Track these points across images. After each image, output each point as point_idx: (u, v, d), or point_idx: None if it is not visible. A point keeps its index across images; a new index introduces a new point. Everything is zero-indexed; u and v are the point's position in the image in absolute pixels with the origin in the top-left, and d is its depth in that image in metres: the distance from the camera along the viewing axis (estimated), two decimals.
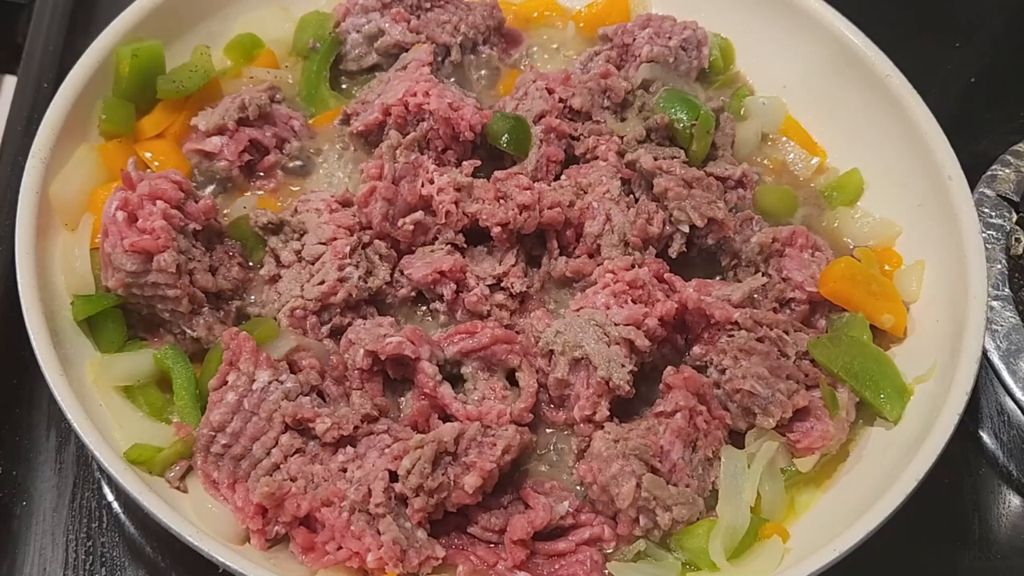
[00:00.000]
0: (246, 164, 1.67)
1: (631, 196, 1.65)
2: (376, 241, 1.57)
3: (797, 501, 1.47)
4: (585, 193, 1.63)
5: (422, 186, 1.58)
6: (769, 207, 1.73)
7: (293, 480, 1.37)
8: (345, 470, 1.37)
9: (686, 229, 1.59)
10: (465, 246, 1.60)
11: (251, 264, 1.60)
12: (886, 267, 1.68)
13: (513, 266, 1.58)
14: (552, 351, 1.46)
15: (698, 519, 1.40)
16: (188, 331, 1.49)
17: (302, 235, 1.57)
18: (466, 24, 1.85)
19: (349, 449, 1.39)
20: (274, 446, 1.38)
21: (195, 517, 1.36)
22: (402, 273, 1.57)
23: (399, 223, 1.57)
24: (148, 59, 1.66)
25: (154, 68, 1.67)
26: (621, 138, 1.70)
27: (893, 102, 1.74)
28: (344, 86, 1.86)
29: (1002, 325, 1.73)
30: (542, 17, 1.98)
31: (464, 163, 1.63)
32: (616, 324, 1.46)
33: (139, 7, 1.71)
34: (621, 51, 1.85)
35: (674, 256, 1.61)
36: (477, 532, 1.39)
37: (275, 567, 1.33)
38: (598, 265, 1.58)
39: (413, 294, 1.57)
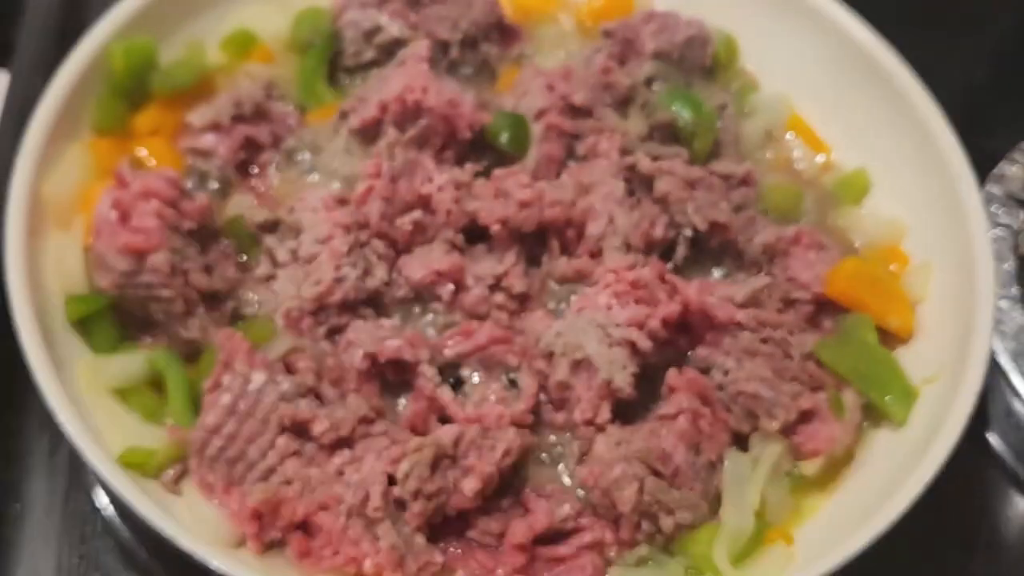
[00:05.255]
0: (241, 161, 1.66)
1: (634, 197, 1.64)
2: (374, 240, 1.56)
3: (802, 505, 1.45)
4: (587, 192, 1.62)
5: (421, 184, 1.56)
6: (774, 205, 1.71)
7: (289, 483, 1.35)
8: (342, 473, 1.36)
9: (689, 233, 1.58)
10: (464, 246, 1.58)
11: (246, 262, 1.57)
12: (893, 267, 1.67)
13: (513, 266, 1.56)
14: (553, 352, 1.45)
15: (702, 523, 1.39)
16: (182, 332, 1.47)
17: (298, 234, 1.55)
18: (466, 20, 1.83)
19: (346, 452, 1.38)
20: (270, 448, 1.37)
21: (189, 521, 1.34)
22: (400, 273, 1.56)
23: (397, 222, 1.56)
24: (141, 55, 1.64)
25: (147, 64, 1.65)
26: (623, 135, 1.68)
27: (900, 99, 1.72)
28: (342, 82, 1.84)
29: (1010, 326, 1.73)
30: (543, 12, 1.96)
31: (467, 166, 1.61)
32: (618, 325, 1.44)
33: (132, 3, 1.69)
34: (624, 47, 1.84)
35: (680, 263, 1.60)
36: (476, 536, 1.38)
37: (271, 572, 1.32)
38: (599, 265, 1.56)
39: (411, 295, 1.56)
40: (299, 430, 1.38)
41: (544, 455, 1.47)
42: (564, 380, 1.43)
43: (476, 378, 1.48)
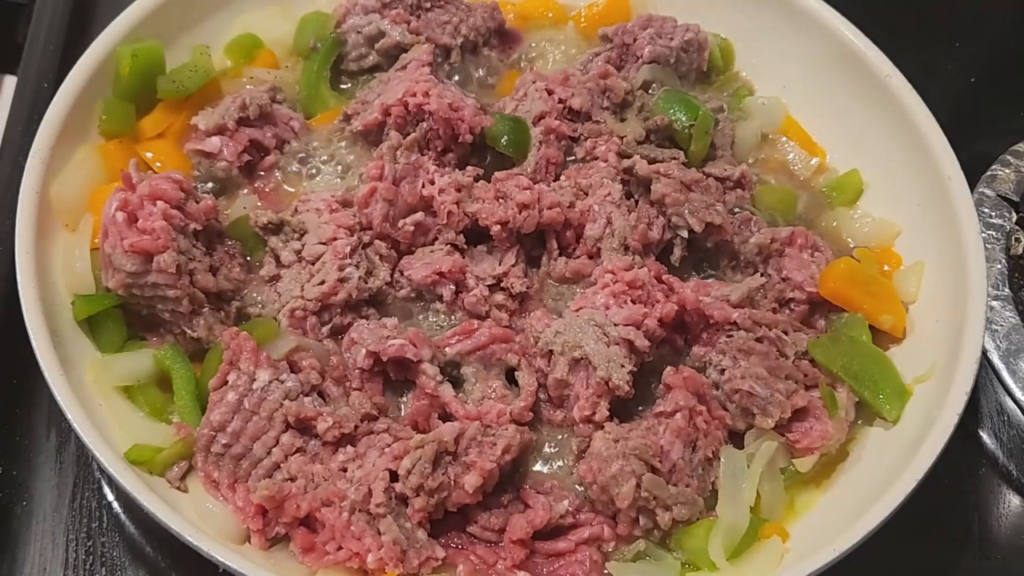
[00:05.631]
0: (246, 164, 1.67)
1: (632, 199, 1.66)
2: (376, 241, 1.57)
3: (797, 501, 1.47)
4: (585, 194, 1.64)
5: (423, 187, 1.58)
6: (768, 207, 1.73)
7: (293, 480, 1.37)
8: (345, 470, 1.37)
9: (685, 235, 1.60)
10: (465, 246, 1.60)
11: (251, 263, 1.59)
12: (885, 267, 1.68)
13: (513, 266, 1.58)
14: (552, 351, 1.46)
15: (698, 519, 1.40)
16: (188, 331, 1.48)
17: (302, 235, 1.57)
18: (467, 26, 1.86)
19: (349, 449, 1.39)
20: (275, 445, 1.38)
21: (195, 517, 1.36)
22: (402, 274, 1.57)
23: (399, 224, 1.57)
24: (148, 59, 1.66)
25: (154, 68, 1.67)
26: (621, 138, 1.70)
27: (893, 102, 1.74)
28: (344, 86, 1.86)
29: (1002, 325, 1.73)
30: (542, 17, 1.98)
31: (468, 168, 1.63)
32: (616, 324, 1.46)
33: (139, 7, 1.71)
34: (621, 51, 1.85)
35: (677, 264, 1.62)
36: (477, 531, 1.39)
37: (275, 567, 1.33)
38: (597, 266, 1.58)
39: (413, 295, 1.58)
40: (303, 427, 1.40)
41: (543, 452, 1.49)
42: (563, 378, 1.45)
43: (477, 376, 1.49)
